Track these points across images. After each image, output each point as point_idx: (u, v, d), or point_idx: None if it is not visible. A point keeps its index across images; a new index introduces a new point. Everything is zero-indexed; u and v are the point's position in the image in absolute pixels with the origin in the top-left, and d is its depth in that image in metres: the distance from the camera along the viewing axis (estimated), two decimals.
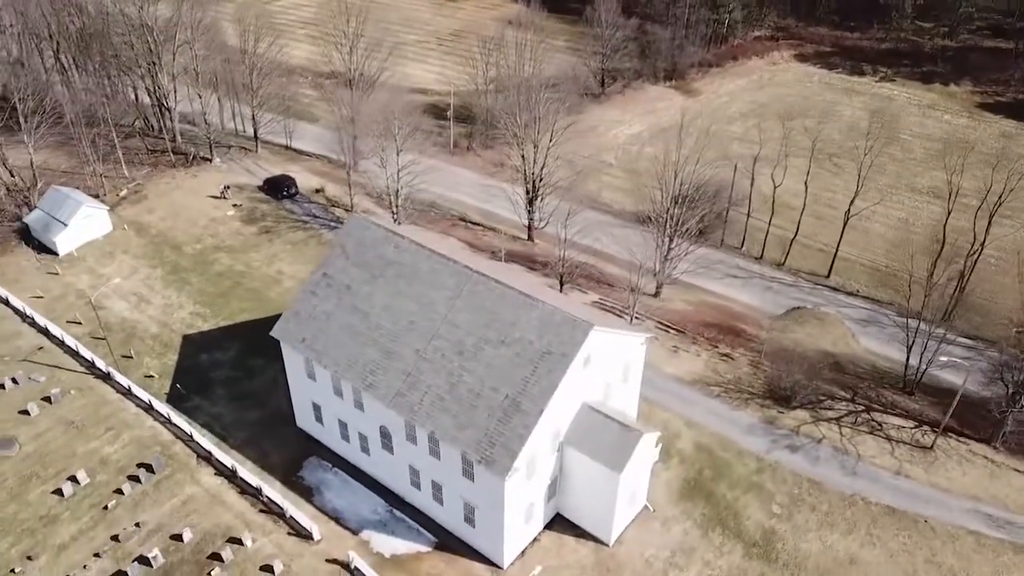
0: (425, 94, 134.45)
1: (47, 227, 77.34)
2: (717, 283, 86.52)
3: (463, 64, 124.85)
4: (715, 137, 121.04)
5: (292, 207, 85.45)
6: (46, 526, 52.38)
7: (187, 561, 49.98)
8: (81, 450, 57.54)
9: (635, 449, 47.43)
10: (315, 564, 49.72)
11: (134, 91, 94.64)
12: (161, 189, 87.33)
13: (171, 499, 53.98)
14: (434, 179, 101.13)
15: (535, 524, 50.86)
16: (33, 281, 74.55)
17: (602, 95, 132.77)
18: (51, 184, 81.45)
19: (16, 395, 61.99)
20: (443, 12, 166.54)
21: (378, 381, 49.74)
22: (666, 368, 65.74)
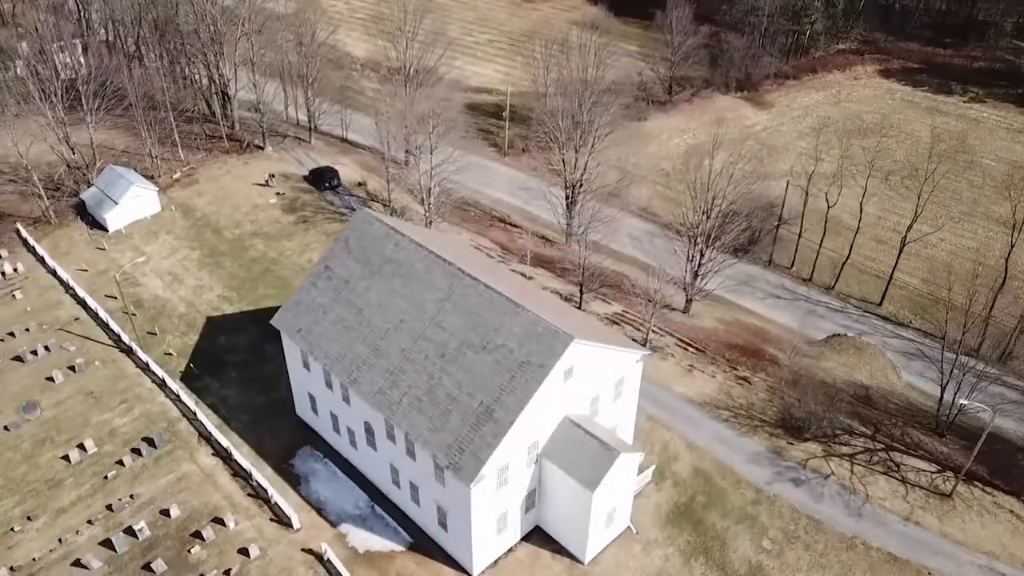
0: (490, 93, 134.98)
1: (100, 204, 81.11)
2: (758, 303, 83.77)
3: (531, 65, 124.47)
4: (779, 151, 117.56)
5: (332, 199, 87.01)
6: (50, 489, 54.90)
7: (171, 536, 51.50)
8: (94, 419, 60.06)
9: (611, 468, 46.18)
10: (290, 552, 50.43)
11: (198, 78, 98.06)
12: (212, 174, 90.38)
13: (167, 475, 55.74)
14: (482, 179, 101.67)
15: (511, 534, 50.18)
16: (82, 255, 78.30)
17: (668, 103, 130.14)
18: (109, 163, 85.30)
19: (46, 362, 65.21)
20: (519, 13, 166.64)
21: (363, 377, 50.05)
22: (676, 387, 63.85)
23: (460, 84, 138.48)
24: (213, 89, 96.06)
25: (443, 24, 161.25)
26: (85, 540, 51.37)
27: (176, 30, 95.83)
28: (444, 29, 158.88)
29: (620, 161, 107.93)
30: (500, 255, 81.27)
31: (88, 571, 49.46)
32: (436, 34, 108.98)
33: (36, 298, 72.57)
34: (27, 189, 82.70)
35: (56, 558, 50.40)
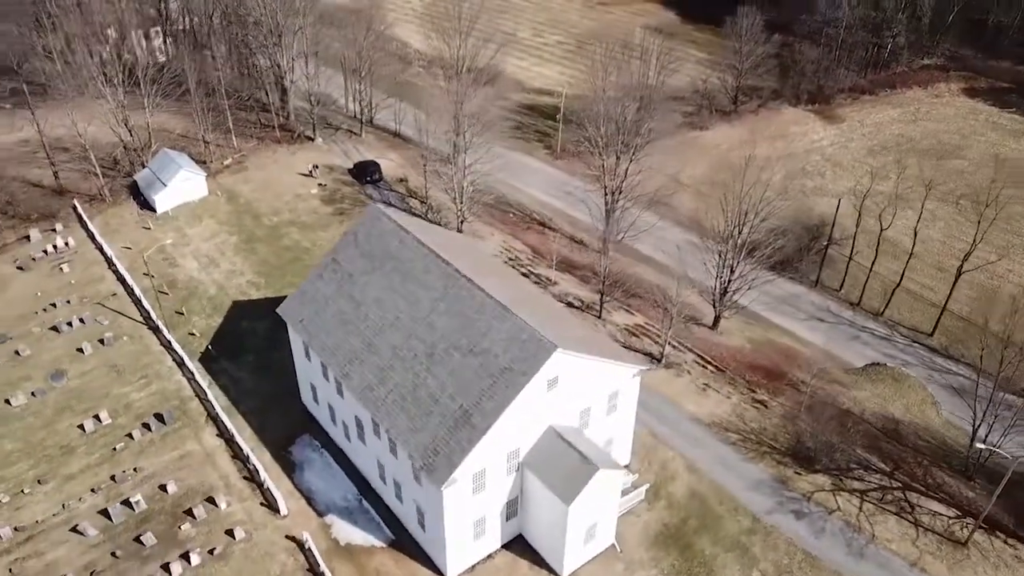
0: (551, 95, 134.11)
1: (151, 185, 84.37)
2: (798, 324, 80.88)
3: (589, 68, 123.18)
4: (844, 168, 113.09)
5: (372, 192, 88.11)
6: (62, 455, 57.37)
7: (164, 512, 53.06)
8: (114, 392, 62.46)
9: (588, 483, 45.18)
10: (274, 538, 51.26)
11: (257, 68, 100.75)
12: (261, 162, 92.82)
13: (172, 451, 57.48)
14: (530, 180, 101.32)
15: (490, 541, 49.68)
16: (129, 233, 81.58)
17: (732, 113, 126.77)
18: (163, 146, 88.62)
19: (79, 334, 68.20)
20: (591, 15, 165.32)
21: (354, 371, 50.43)
22: (687, 405, 62.05)
23: (523, 85, 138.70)
24: (270, 79, 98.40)
25: (515, 25, 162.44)
26: (86, 508, 53.44)
27: (241, 21, 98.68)
28: (515, 30, 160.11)
29: (673, 170, 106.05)
30: (530, 258, 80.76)
31: (84, 537, 51.40)
32: (491, 32, 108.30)
33: (81, 272, 75.94)
34: (87, 168, 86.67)
35: (57, 522, 52.60)
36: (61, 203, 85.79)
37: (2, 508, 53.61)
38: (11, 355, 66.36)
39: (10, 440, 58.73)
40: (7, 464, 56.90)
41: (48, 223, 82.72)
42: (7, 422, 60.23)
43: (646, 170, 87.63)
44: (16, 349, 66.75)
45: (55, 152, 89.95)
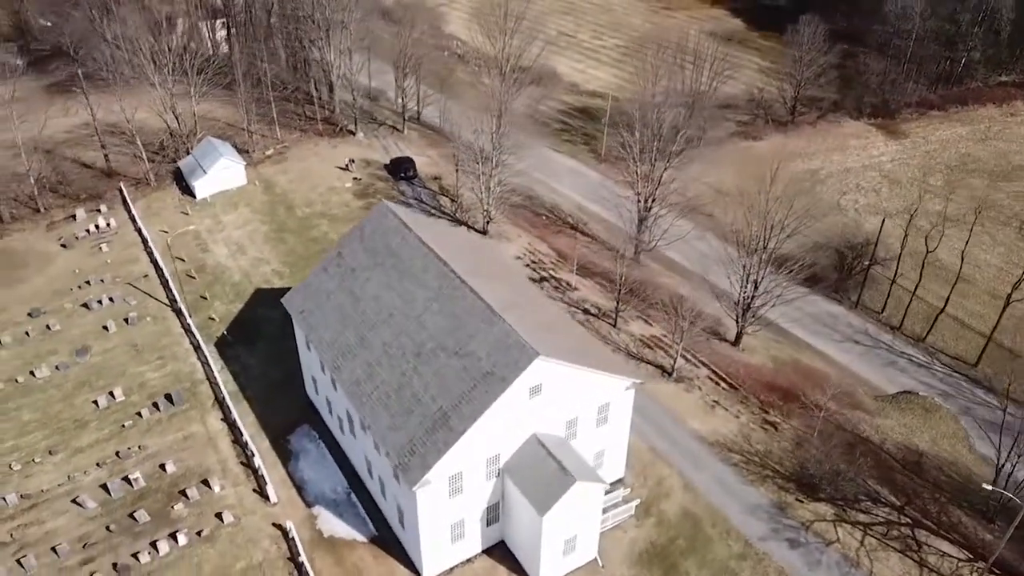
0: (603, 98, 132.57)
1: (192, 172, 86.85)
2: (831, 345, 77.85)
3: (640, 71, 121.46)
4: (902, 185, 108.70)
5: (405, 188, 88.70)
6: (75, 429, 59.49)
7: (160, 490, 54.45)
8: (130, 371, 64.48)
9: (564, 495, 44.38)
10: (261, 525, 52.03)
11: (306, 62, 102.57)
12: (302, 154, 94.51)
13: (176, 432, 58.96)
14: (571, 183, 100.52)
15: (469, 545, 49.35)
16: (168, 217, 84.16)
17: (789, 123, 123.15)
18: (207, 134, 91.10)
19: (107, 312, 70.65)
20: (654, 19, 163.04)
21: (345, 366, 50.76)
22: (691, 422, 60.43)
23: (577, 87, 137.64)
24: (318, 73, 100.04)
25: (576, 26, 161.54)
26: (89, 481, 55.27)
27: (294, 16, 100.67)
28: (575, 31, 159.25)
29: (718, 179, 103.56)
30: (553, 261, 79.97)
31: (83, 509, 53.16)
32: (540, 31, 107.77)
33: (118, 252, 78.68)
34: (136, 152, 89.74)
35: (60, 492, 54.55)
36: (109, 185, 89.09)
37: (13, 475, 55.86)
38: (43, 329, 69.17)
39: (29, 411, 61.20)
40: (24, 433, 59.30)
41: (94, 203, 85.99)
42: (30, 393, 62.78)
43: (690, 179, 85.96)
44: (48, 323, 69.55)
45: (109, 136, 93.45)
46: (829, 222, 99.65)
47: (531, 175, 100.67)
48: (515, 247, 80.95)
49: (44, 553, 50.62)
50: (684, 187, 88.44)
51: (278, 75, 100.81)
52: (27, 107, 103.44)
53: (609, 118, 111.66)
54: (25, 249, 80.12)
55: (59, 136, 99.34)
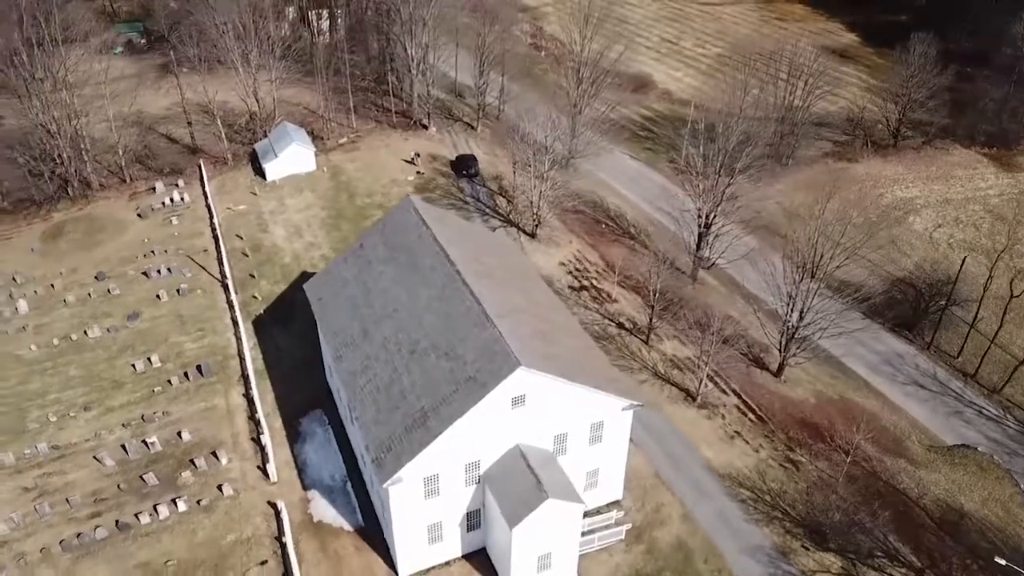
0: (697, 109, 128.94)
1: (265, 154, 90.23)
2: (891, 386, 72.99)
3: (728, 82, 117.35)
4: (1007, 223, 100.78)
5: (464, 186, 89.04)
6: (111, 389, 62.96)
7: (173, 456, 56.88)
8: (171, 339, 67.64)
9: (535, 510, 43.47)
10: (257, 501, 53.51)
11: (391, 54, 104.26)
12: (373, 144, 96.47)
13: (200, 402, 61.41)
14: (642, 191, 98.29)
15: (448, 548, 49.08)
16: (238, 196, 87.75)
17: (891, 147, 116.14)
18: (284, 119, 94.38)
19: (162, 282, 74.39)
20: (764, 29, 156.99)
21: (346, 356, 51.49)
22: (705, 450, 57.89)
23: (671, 95, 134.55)
24: (401, 66, 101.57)
25: (680, 33, 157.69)
26: (112, 440, 58.38)
27: (382, 8, 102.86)
28: (678, 38, 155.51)
29: (801, 200, 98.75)
30: (600, 271, 78.38)
31: (101, 466, 56.22)
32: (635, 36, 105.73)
33: (186, 226, 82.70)
34: (221, 132, 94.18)
35: (86, 447, 57.87)
36: (191, 161, 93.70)
37: (48, 426, 59.68)
38: (104, 293, 73.53)
39: (76, 368, 65.20)
40: (67, 388, 63.24)
41: (174, 178, 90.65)
42: (80, 351, 66.90)
43: (770, 197, 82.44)
44: (109, 287, 73.88)
45: (202, 115, 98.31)
46: (916, 255, 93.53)
47: (602, 180, 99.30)
48: (562, 253, 79.87)
49: (59, 502, 53.80)
50: (762, 205, 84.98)
51: (357, 65, 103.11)
52: (138, 83, 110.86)
53: (691, 128, 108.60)
54: (106, 216, 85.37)
55: (160, 112, 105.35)
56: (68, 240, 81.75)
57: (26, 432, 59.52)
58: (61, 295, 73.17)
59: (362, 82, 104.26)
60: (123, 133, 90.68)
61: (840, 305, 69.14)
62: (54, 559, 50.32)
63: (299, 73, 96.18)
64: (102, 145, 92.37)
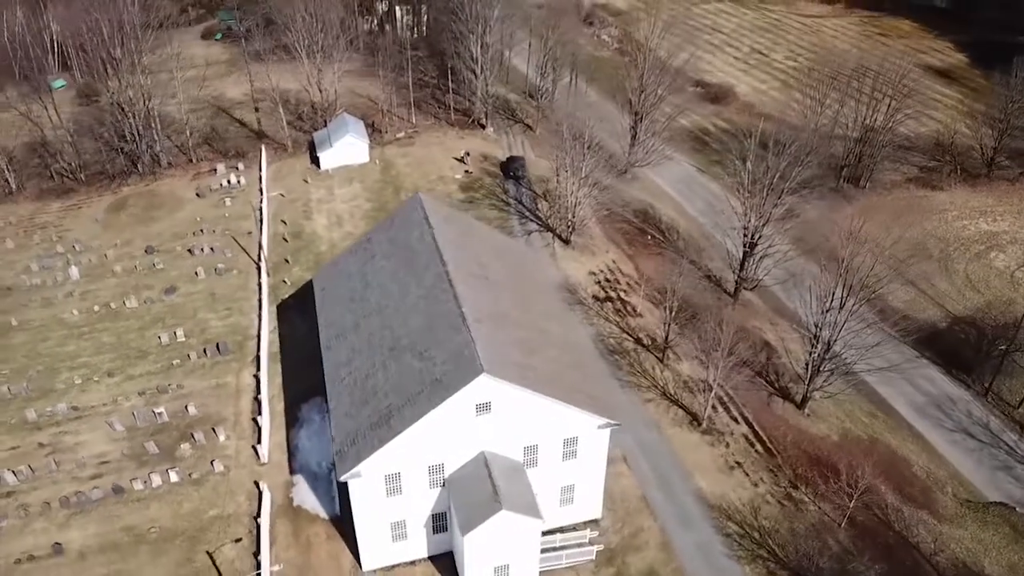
0: (773, 122, 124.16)
1: (321, 144, 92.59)
2: (938, 432, 68.44)
3: (805, 97, 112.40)
4: None
5: (509, 187, 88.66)
6: (136, 358, 66.00)
7: (176, 428, 59.06)
8: (199, 316, 70.30)
9: (488, 520, 42.83)
10: (244, 480, 54.91)
11: (455, 52, 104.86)
12: (429, 140, 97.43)
13: (213, 379, 63.55)
14: (701, 206, 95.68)
15: (414, 547, 48.93)
16: (291, 182, 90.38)
17: (983, 176, 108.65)
18: (344, 111, 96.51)
19: (203, 260, 77.38)
20: (864, 44, 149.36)
21: (334, 347, 52.21)
22: (699, 478, 55.56)
23: (751, 108, 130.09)
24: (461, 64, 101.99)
25: (773, 45, 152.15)
26: (127, 407, 61.15)
27: (450, 7, 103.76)
28: (770, 50, 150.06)
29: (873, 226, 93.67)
30: (631, 283, 76.46)
31: (111, 431, 59.00)
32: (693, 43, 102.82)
33: (237, 208, 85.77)
34: (287, 118, 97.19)
35: (102, 411, 60.87)
36: (254, 146, 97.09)
37: (72, 388, 63.09)
38: (150, 266, 77.17)
39: (109, 335, 68.68)
40: (97, 353, 66.69)
41: (235, 161, 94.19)
42: (116, 319, 70.44)
43: (836, 220, 78.59)
44: (155, 261, 77.47)
45: (274, 102, 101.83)
46: (990, 293, 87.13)
47: (661, 190, 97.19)
48: (595, 262, 78.33)
49: (67, 461, 56.78)
50: (826, 228, 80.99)
51: (421, 61, 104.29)
52: (228, 68, 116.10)
53: (754, 142, 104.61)
54: (167, 193, 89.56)
55: (237, 97, 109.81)
56: (129, 214, 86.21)
57: (53, 391, 63.09)
58: (111, 265, 77.19)
59: (427, 79, 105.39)
60: (191, 116, 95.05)
61: (876, 336, 65.14)
62: (51, 514, 53.08)
63: (368, 66, 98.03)
64: (179, 126, 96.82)
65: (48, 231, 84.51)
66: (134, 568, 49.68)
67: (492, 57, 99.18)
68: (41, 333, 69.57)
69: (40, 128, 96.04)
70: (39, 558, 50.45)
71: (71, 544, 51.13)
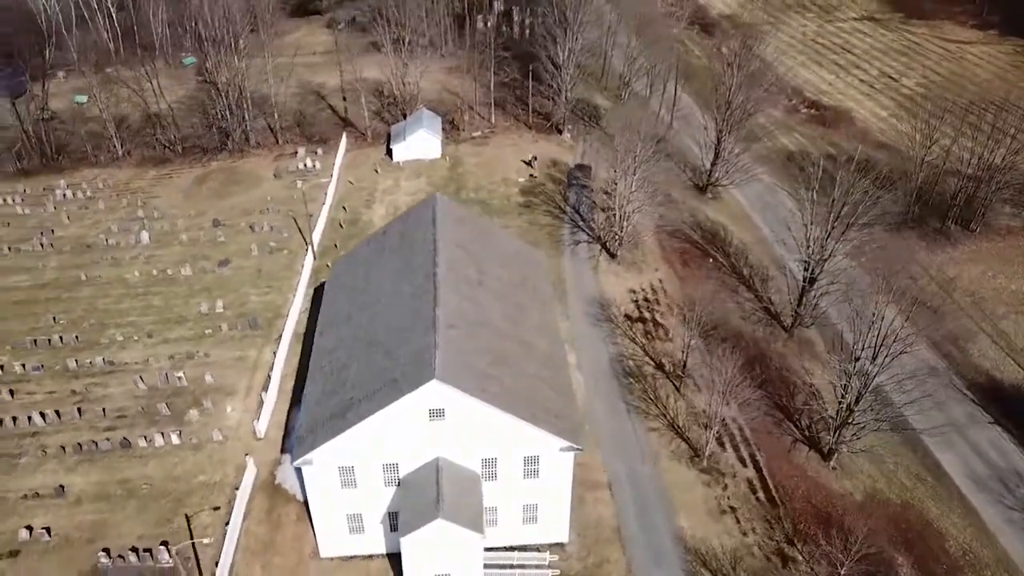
0: (889, 151, 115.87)
1: (396, 136, 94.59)
2: (993, 507, 61.88)
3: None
4: None
5: (569, 195, 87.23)
6: (175, 323, 69.79)
7: (191, 394, 61.93)
8: (242, 290, 73.45)
9: (424, 526, 42.42)
10: (237, 452, 56.84)
11: (546, 56, 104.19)
12: (503, 141, 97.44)
13: (237, 351, 66.22)
14: (786, 235, 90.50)
15: (371, 542, 49.03)
16: (363, 171, 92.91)
17: None
18: (424, 105, 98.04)
19: (259, 237, 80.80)
20: (1010, 76, 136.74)
21: (326, 334, 53.20)
22: (683, 518, 52.53)
23: (867, 135, 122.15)
24: (541, 68, 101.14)
25: (906, 69, 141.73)
26: (155, 367, 64.74)
27: (542, 13, 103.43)
28: (900, 75, 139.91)
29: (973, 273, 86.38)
30: (670, 305, 73.36)
31: (135, 388, 62.65)
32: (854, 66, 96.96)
33: (306, 191, 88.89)
34: (372, 109, 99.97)
35: (133, 368, 64.75)
36: (338, 133, 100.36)
37: (113, 344, 67.48)
38: (213, 238, 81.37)
39: (159, 299, 72.96)
40: (144, 314, 71.00)
41: (316, 146, 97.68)
42: (169, 285, 74.75)
43: (935, 265, 72.82)
44: (219, 235, 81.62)
45: (367, 93, 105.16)
46: None
47: (742, 212, 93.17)
48: (639, 279, 75.72)
49: (91, 411, 60.75)
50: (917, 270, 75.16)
51: (507, 61, 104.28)
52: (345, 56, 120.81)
53: (852, 171, 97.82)
54: (248, 171, 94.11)
55: (337, 85, 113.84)
56: (209, 187, 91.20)
57: (97, 345, 67.69)
58: (179, 234, 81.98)
59: (513, 80, 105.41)
60: (290, 100, 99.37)
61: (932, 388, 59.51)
62: (64, 458, 56.96)
63: (462, 62, 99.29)
64: (267, 107, 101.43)
65: (136, 196, 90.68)
66: (119, 519, 52.46)
67: (576, 62, 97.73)
68: (103, 290, 74.72)
69: (152, 102, 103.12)
70: (43, 497, 54.18)
71: (72, 488, 54.63)
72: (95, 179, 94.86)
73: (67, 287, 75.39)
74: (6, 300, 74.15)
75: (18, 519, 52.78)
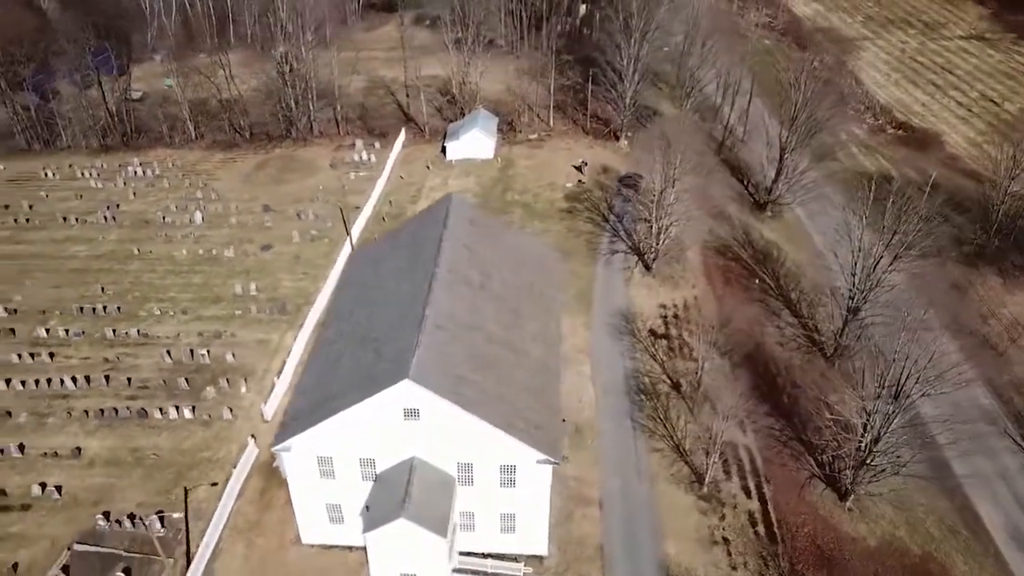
0: (979, 181, 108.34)
1: (452, 135, 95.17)
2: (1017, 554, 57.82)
3: None
4: None
5: (615, 203, 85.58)
6: (210, 302, 72.22)
7: (211, 372, 63.94)
8: (277, 274, 75.42)
9: (386, 524, 42.47)
10: (243, 431, 58.41)
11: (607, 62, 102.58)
12: (558, 145, 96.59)
13: (260, 334, 67.99)
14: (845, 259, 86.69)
15: (350, 533, 49.22)
16: (415, 167, 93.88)
17: None
18: (481, 105, 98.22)
19: (305, 225, 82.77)
20: None
21: (329, 324, 54.11)
22: (671, 544, 50.68)
23: (955, 162, 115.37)
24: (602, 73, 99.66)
25: (1008, 94, 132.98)
26: (184, 343, 67.19)
27: (608, 17, 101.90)
28: (1003, 99, 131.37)
29: None
30: (700, 325, 70.89)
31: (162, 361, 65.15)
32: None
33: (358, 183, 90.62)
34: (432, 105, 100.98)
35: (165, 342, 67.40)
36: (398, 128, 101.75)
37: (150, 318, 70.39)
38: (261, 222, 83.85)
39: (200, 277, 75.67)
40: (183, 291, 73.79)
41: (374, 139, 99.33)
42: (212, 265, 77.45)
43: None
44: (266, 219, 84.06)
45: (433, 91, 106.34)
46: None
47: (803, 232, 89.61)
48: (672, 295, 73.61)
49: (118, 379, 63.58)
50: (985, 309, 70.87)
51: (570, 65, 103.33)
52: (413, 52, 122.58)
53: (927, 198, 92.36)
54: (306, 159, 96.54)
55: (400, 83, 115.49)
56: (267, 173, 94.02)
57: (136, 317, 70.77)
58: (230, 217, 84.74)
59: (577, 83, 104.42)
60: (358, 93, 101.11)
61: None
62: (86, 422, 59.80)
63: (531, 64, 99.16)
64: (330, 99, 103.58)
65: (200, 178, 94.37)
66: (125, 485, 54.67)
67: (642, 69, 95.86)
68: (152, 265, 78.06)
69: (224, 88, 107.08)
70: (61, 456, 57.04)
71: (88, 450, 57.31)
72: (165, 159, 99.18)
73: (120, 259, 79.11)
74: (64, 268, 78.39)
75: (36, 475, 55.70)
